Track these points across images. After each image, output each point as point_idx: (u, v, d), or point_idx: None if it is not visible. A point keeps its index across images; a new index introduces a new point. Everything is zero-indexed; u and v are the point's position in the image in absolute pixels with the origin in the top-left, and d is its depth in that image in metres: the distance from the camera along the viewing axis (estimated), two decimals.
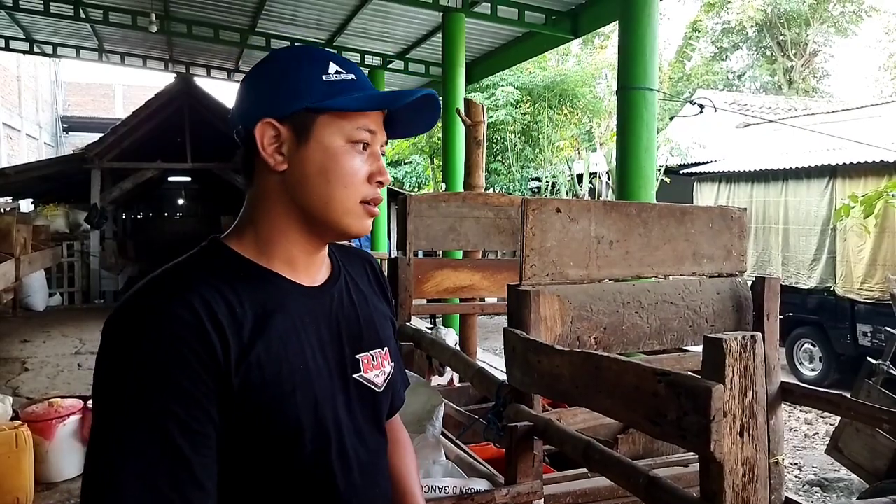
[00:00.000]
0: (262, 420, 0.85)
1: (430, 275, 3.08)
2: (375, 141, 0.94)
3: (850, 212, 5.63)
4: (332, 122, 0.90)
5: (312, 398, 0.90)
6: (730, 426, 1.08)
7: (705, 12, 21.98)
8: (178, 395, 0.79)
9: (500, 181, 14.16)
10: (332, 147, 0.91)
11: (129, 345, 0.80)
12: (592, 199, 12.27)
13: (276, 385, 0.86)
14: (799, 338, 7.92)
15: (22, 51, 12.50)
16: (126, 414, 0.78)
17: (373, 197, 0.94)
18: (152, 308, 0.81)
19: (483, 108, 3.68)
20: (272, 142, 0.91)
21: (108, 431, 0.78)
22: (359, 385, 0.98)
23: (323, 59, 0.93)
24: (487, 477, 1.75)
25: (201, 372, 0.80)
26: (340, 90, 0.91)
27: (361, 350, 0.99)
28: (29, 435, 3.60)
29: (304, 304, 0.93)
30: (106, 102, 26.97)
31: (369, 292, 1.08)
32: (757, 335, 1.12)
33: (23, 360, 7.12)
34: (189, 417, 0.79)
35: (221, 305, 0.84)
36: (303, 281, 0.95)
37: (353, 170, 0.92)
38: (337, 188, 0.91)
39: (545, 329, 1.77)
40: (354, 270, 1.08)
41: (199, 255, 0.92)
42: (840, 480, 4.75)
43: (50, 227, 10.85)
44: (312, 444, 0.89)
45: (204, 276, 0.87)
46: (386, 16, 8.58)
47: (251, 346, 0.84)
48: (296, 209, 0.93)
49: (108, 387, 0.80)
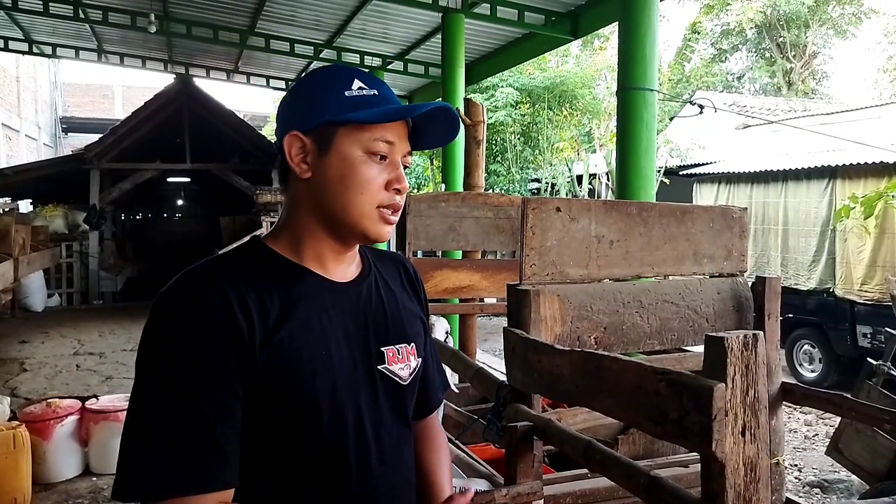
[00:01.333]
0: (282, 399, 0.93)
1: (430, 275, 3.07)
2: (395, 151, 1.01)
3: (850, 213, 5.62)
4: (351, 134, 0.98)
5: (332, 383, 0.97)
6: (731, 425, 1.07)
7: (705, 14, 21.99)
8: (207, 370, 0.89)
9: (500, 182, 14.15)
10: (350, 157, 0.98)
11: (167, 324, 0.91)
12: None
13: (296, 368, 0.94)
14: (799, 339, 7.90)
15: (21, 51, 12.48)
16: (160, 384, 0.88)
17: (389, 203, 1.01)
18: (190, 293, 0.93)
19: (483, 107, 3.67)
20: (299, 152, 1.00)
21: (144, 398, 0.89)
22: (383, 376, 1.04)
23: (348, 77, 1.01)
24: (487, 477, 1.75)
25: (229, 351, 0.90)
26: (361, 105, 0.98)
27: (387, 343, 1.06)
28: (27, 435, 3.59)
29: (331, 298, 1.02)
30: (105, 103, 26.94)
31: (400, 291, 1.14)
32: (759, 334, 1.11)
33: (21, 361, 7.10)
34: (216, 391, 0.89)
35: (252, 294, 0.94)
36: (332, 277, 1.04)
37: (370, 178, 0.99)
38: (354, 194, 0.99)
39: (545, 329, 1.76)
40: (386, 271, 1.15)
41: (238, 251, 1.03)
42: (840, 482, 4.73)
43: (49, 228, 10.84)
44: (329, 426, 0.96)
45: (238, 269, 0.98)
46: (385, 16, 8.57)
47: (276, 331, 0.93)
48: (321, 213, 1.01)
49: (147, 359, 0.91)
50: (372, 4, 8.04)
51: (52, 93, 24.76)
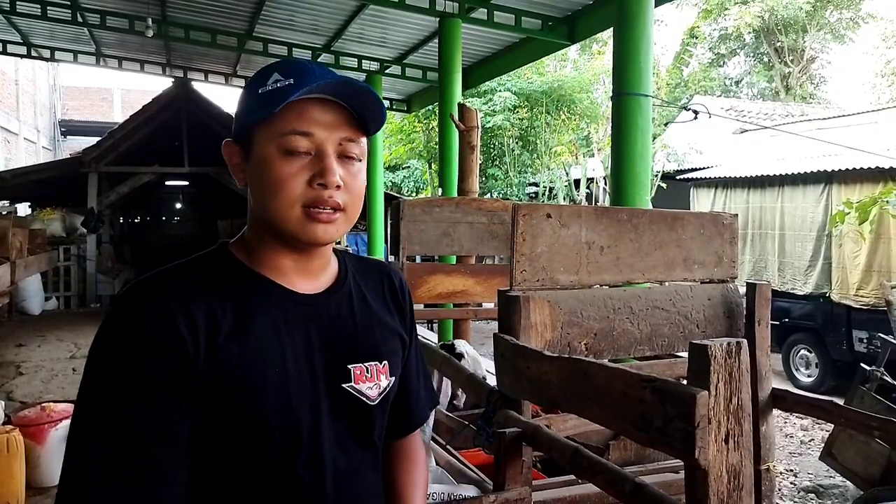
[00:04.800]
0: (230, 416, 0.88)
1: (424, 280, 3.08)
2: (323, 141, 0.92)
3: (846, 218, 5.64)
4: (263, 132, 0.92)
5: (286, 401, 0.90)
6: (715, 433, 1.07)
7: (703, 19, 22.06)
8: (148, 390, 0.84)
9: (498, 186, 14.18)
10: (265, 157, 0.92)
11: (107, 343, 0.87)
12: (589, 204, 12.26)
13: (246, 384, 0.88)
14: (795, 344, 7.91)
15: (19, 55, 12.47)
16: (100, 407, 0.84)
17: (315, 200, 0.91)
18: (133, 307, 0.88)
19: (477, 112, 3.68)
20: (237, 161, 0.97)
21: (84, 420, 0.85)
22: (348, 395, 0.97)
23: (267, 72, 0.94)
24: (477, 483, 1.75)
25: (172, 367, 0.85)
26: (271, 100, 0.90)
27: (355, 360, 0.99)
28: (21, 440, 3.58)
29: (293, 310, 0.95)
30: (104, 106, 26.95)
31: (378, 305, 1.07)
32: (742, 342, 1.11)
33: (17, 365, 7.09)
34: (157, 412, 0.84)
35: (201, 306, 0.88)
36: (296, 288, 0.97)
37: (283, 176, 0.91)
38: (270, 196, 0.92)
39: (535, 335, 1.76)
40: (367, 282, 1.07)
41: (200, 258, 0.98)
42: (835, 487, 4.74)
43: (46, 231, 10.83)
44: (281, 447, 0.90)
45: (193, 278, 0.92)
46: (383, 21, 8.58)
47: (226, 345, 0.88)
48: (261, 220, 0.96)
49: (90, 377, 0.86)
50: (369, 9, 8.06)
51: (51, 96, 24.78)
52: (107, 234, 12.28)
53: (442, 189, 7.51)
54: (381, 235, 10.96)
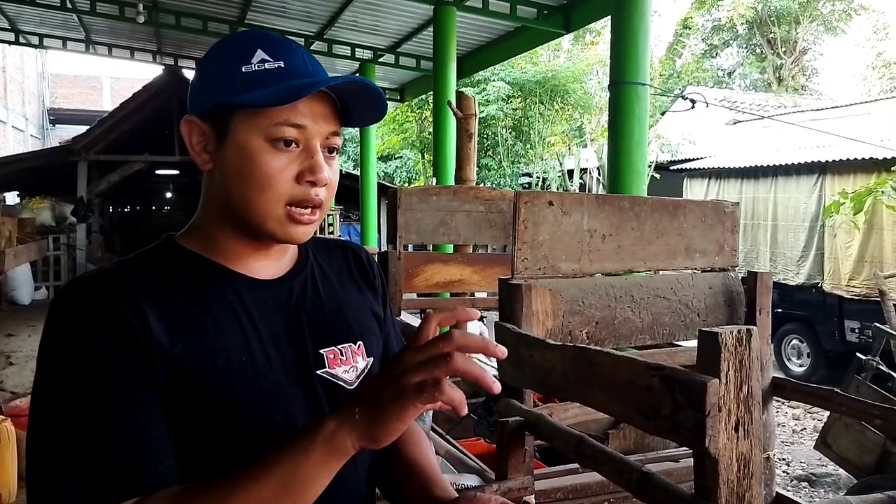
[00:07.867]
0: (198, 409, 0.82)
1: (421, 269, 3.05)
2: (311, 134, 0.85)
3: (840, 208, 5.65)
4: (248, 118, 0.84)
5: (257, 392, 0.85)
6: (725, 421, 1.06)
7: (696, 9, 22.06)
8: (112, 377, 0.78)
9: (491, 176, 14.16)
10: (249, 146, 0.84)
11: (57, 341, 0.79)
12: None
13: (209, 374, 0.82)
14: (787, 334, 7.96)
15: (7, 41, 12.31)
16: (63, 408, 0.77)
17: (303, 199, 0.86)
18: (75, 307, 0.80)
19: (475, 101, 3.65)
20: (199, 140, 0.88)
21: (38, 412, 0.78)
22: (324, 381, 0.92)
23: (249, 47, 0.86)
24: (478, 472, 1.74)
25: (132, 361, 0.78)
26: (259, 82, 0.84)
27: (327, 344, 0.94)
28: (12, 430, 3.55)
29: (252, 297, 0.89)
30: (93, 95, 26.71)
31: (346, 284, 1.02)
32: (753, 329, 1.10)
33: (7, 355, 7.04)
34: (127, 400, 0.78)
35: (149, 301, 0.81)
36: (255, 274, 0.91)
37: (272, 171, 0.84)
38: (254, 192, 0.84)
39: (537, 323, 1.75)
40: (329, 262, 1.03)
41: (144, 253, 0.90)
42: (828, 475, 4.78)
43: (36, 220, 10.74)
44: (254, 439, 0.84)
45: (139, 273, 0.85)
46: (377, 8, 8.51)
47: (180, 338, 0.81)
48: (226, 210, 0.89)
49: (41, 376, 0.80)
50: None
51: (40, 84, 24.52)
52: (97, 224, 12.19)
53: (436, 178, 7.48)
54: (374, 225, 10.92)
